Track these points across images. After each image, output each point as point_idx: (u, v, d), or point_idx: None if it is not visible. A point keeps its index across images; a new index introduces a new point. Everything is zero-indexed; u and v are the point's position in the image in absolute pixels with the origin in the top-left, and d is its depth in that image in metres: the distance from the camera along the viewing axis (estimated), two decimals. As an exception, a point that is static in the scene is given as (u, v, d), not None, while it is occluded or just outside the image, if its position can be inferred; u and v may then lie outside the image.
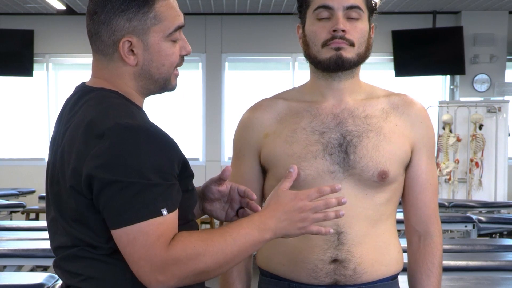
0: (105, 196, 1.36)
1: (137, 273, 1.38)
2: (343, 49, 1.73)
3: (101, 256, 1.43)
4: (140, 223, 1.35)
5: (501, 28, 8.97)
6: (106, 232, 1.40)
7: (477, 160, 8.15)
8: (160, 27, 1.48)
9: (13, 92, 9.46)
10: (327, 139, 1.76)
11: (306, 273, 1.75)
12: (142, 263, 1.36)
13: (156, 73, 1.50)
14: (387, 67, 9.22)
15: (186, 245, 1.37)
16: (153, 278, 1.36)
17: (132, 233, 1.35)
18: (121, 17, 1.46)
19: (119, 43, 1.47)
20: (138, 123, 1.39)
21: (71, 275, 1.48)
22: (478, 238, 5.75)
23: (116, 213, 1.36)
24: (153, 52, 1.49)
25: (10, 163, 9.39)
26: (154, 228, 1.35)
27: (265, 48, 9.24)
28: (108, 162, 1.35)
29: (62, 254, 1.49)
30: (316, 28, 1.75)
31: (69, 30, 9.12)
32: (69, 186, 1.41)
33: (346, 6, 1.73)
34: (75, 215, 1.43)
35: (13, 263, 4.14)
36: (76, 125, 1.43)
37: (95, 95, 1.48)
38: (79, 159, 1.39)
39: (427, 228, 1.83)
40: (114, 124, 1.37)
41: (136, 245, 1.36)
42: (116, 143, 1.36)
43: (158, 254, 1.35)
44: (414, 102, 1.84)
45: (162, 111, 8.81)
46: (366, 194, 1.75)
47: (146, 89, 1.53)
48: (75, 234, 1.44)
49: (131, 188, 1.35)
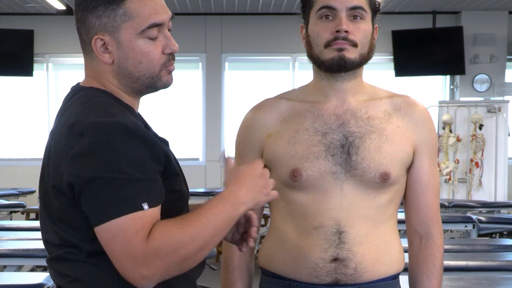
0: (86, 193, 1.35)
1: (121, 271, 1.35)
2: (346, 50, 1.72)
3: (86, 257, 1.42)
4: (119, 218, 1.33)
5: (501, 28, 8.98)
6: (89, 232, 1.39)
7: (477, 160, 8.16)
8: (131, 24, 1.46)
9: (13, 92, 9.46)
10: (330, 140, 1.76)
11: (307, 272, 1.76)
12: (124, 260, 1.33)
13: (134, 71, 1.48)
14: (387, 67, 9.22)
15: (164, 235, 1.34)
16: (137, 274, 1.33)
17: (112, 229, 1.33)
18: (92, 15, 1.46)
19: (92, 41, 1.47)
20: (117, 120, 1.38)
21: (61, 276, 1.47)
22: (478, 238, 5.75)
23: (96, 210, 1.34)
24: (126, 49, 1.47)
25: (10, 163, 9.39)
26: (133, 223, 1.32)
27: (265, 48, 9.24)
28: (87, 160, 1.34)
29: (52, 255, 1.49)
30: (319, 29, 1.75)
31: (69, 30, 9.04)
32: (51, 185, 1.41)
33: (349, 6, 1.73)
34: (59, 215, 1.43)
35: (13, 263, 4.14)
36: (62, 125, 1.44)
37: (83, 94, 1.48)
38: (60, 158, 1.39)
39: (429, 229, 1.84)
40: (93, 123, 1.37)
41: (117, 241, 1.33)
42: (95, 141, 1.35)
43: (138, 248, 1.32)
44: (417, 104, 1.84)
45: (162, 111, 8.80)
46: (367, 194, 1.75)
47: (131, 88, 1.51)
48: (60, 233, 1.44)
49: (111, 183, 1.33)
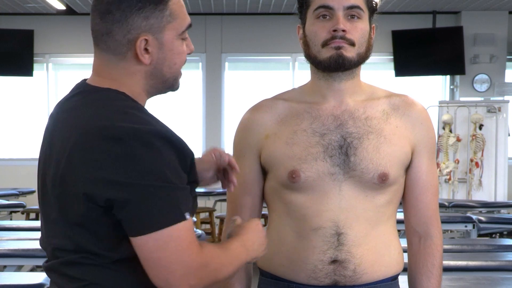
0: (128, 202, 1.34)
1: (165, 278, 1.36)
2: (344, 48, 1.72)
3: (106, 263, 1.41)
4: (170, 228, 1.34)
5: (501, 28, 8.97)
6: (113, 240, 1.39)
7: (477, 160, 8.15)
8: (174, 25, 1.47)
9: (13, 92, 9.45)
10: (328, 141, 1.75)
11: (306, 274, 1.75)
12: (175, 267, 1.35)
13: (167, 72, 1.49)
14: (387, 67, 9.22)
15: (213, 252, 1.41)
16: (184, 282, 1.36)
17: (162, 238, 1.34)
18: (138, 15, 1.44)
19: (136, 41, 1.44)
20: (155, 128, 1.38)
21: (71, 280, 1.45)
22: (478, 238, 5.75)
23: (141, 219, 1.34)
24: (166, 50, 1.47)
25: (10, 163, 9.38)
26: (185, 233, 1.36)
27: (265, 48, 9.24)
28: (131, 166, 1.33)
29: (62, 259, 1.46)
30: (316, 28, 1.75)
31: (69, 30, 9.12)
32: (82, 192, 1.37)
33: (346, 6, 1.73)
34: (80, 220, 1.40)
35: (13, 263, 4.14)
36: (85, 127, 1.40)
37: (102, 96, 1.45)
38: (94, 166, 1.36)
39: (428, 229, 1.83)
40: (130, 128, 1.36)
41: (167, 250, 1.34)
42: (136, 148, 1.34)
43: (193, 258, 1.36)
44: (415, 103, 1.83)
45: (162, 111, 8.79)
46: (366, 195, 1.75)
47: (154, 89, 1.52)
48: (76, 239, 1.42)
49: (159, 192, 1.34)
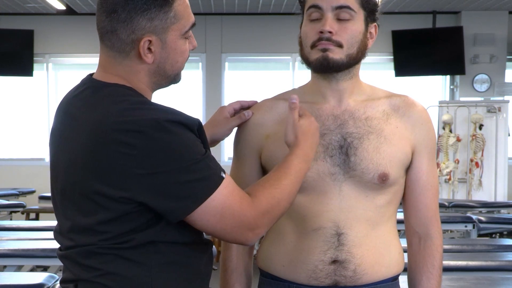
0: (169, 185, 1.40)
1: (233, 240, 1.51)
2: (330, 51, 1.70)
3: (125, 252, 1.44)
4: (215, 192, 1.43)
5: (501, 28, 8.98)
6: (131, 230, 1.43)
7: (477, 160, 8.15)
8: (178, 26, 1.51)
9: (13, 92, 9.46)
10: (328, 140, 1.75)
11: (306, 274, 1.75)
12: (237, 230, 1.47)
13: (170, 69, 1.54)
14: (387, 67, 9.22)
15: (268, 196, 1.50)
16: (250, 235, 1.49)
17: (217, 207, 1.43)
18: (142, 17, 1.47)
19: (140, 42, 1.48)
20: (167, 116, 1.43)
21: (85, 269, 1.46)
22: (478, 238, 5.75)
23: (187, 197, 1.42)
24: (169, 50, 1.52)
25: (10, 163, 9.39)
26: (231, 189, 1.46)
27: (265, 48, 9.24)
28: (157, 155, 1.39)
29: (80, 248, 1.48)
30: (307, 29, 1.74)
31: (69, 30, 9.12)
32: (116, 196, 1.41)
33: (334, 6, 1.70)
34: (105, 217, 1.43)
35: (13, 263, 4.14)
36: (101, 123, 1.42)
37: (111, 91, 1.48)
38: (119, 159, 1.39)
39: (428, 229, 1.83)
40: (148, 120, 1.41)
41: (226, 216, 1.45)
42: (157, 137, 1.40)
43: (249, 215, 1.47)
44: (415, 104, 1.83)
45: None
46: (366, 196, 1.75)
47: (157, 85, 1.57)
48: (96, 230, 1.44)
49: (190, 169, 1.41)
